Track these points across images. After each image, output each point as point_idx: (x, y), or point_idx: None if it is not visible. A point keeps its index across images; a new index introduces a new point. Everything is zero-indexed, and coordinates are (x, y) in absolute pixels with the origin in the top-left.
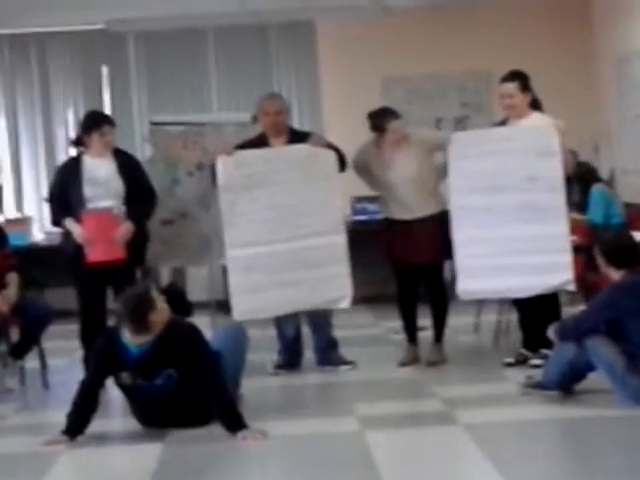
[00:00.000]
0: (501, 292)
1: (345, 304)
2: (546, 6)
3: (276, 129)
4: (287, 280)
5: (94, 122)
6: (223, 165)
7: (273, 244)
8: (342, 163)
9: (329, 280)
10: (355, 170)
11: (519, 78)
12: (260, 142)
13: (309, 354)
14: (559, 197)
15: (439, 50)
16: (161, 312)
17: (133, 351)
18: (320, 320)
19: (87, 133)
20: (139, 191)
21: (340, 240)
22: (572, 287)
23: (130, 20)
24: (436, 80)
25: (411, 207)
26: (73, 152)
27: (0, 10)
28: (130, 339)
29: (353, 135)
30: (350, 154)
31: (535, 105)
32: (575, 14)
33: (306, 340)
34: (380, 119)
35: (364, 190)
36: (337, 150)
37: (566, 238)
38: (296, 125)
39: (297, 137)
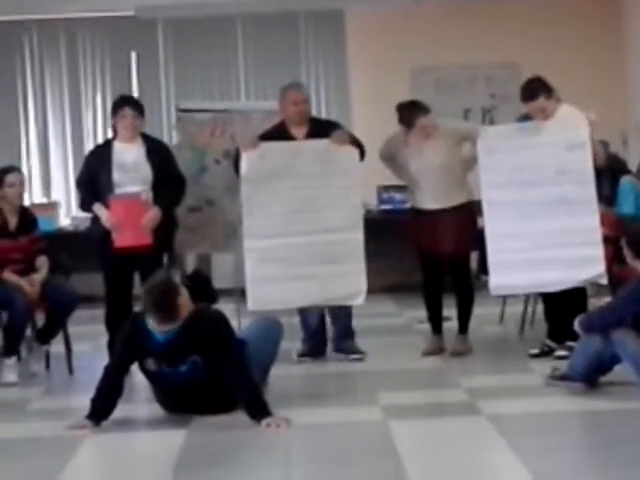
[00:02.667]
0: (534, 287)
1: (359, 301)
2: None
3: (301, 118)
4: (302, 274)
5: (116, 105)
6: (247, 157)
7: (291, 237)
8: (361, 154)
9: (344, 276)
10: (382, 160)
11: (541, 89)
12: (281, 131)
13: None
14: (589, 190)
15: (468, 40)
16: (184, 297)
17: (158, 337)
18: (339, 310)
19: (113, 118)
20: (168, 177)
21: (358, 237)
22: (604, 280)
23: (159, 6)
24: (465, 70)
25: (438, 197)
26: (101, 138)
27: None
28: (155, 327)
29: (381, 125)
30: (378, 143)
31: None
32: (604, 5)
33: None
34: (409, 114)
35: (391, 179)
36: (358, 143)
37: (597, 231)
38: (324, 114)
39: (318, 126)
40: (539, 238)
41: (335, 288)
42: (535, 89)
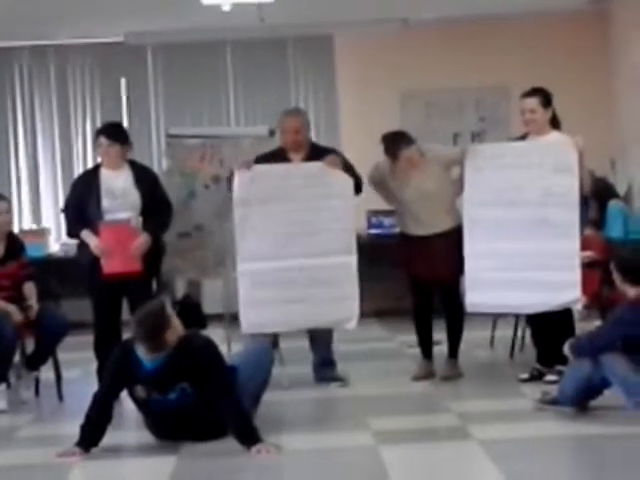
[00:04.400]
0: (508, 307)
1: (351, 326)
2: (564, 22)
3: (294, 146)
4: (295, 297)
5: (95, 135)
6: (240, 179)
7: (284, 260)
8: (358, 186)
9: (337, 300)
10: (371, 186)
11: (541, 94)
12: (279, 156)
13: (303, 370)
14: (573, 214)
15: (457, 64)
16: (175, 329)
17: (147, 365)
18: (319, 339)
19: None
20: (155, 204)
21: (351, 261)
22: (579, 305)
23: (148, 33)
24: (454, 94)
25: (427, 223)
26: (90, 164)
27: (20, 22)
28: (144, 354)
29: (370, 149)
30: (367, 167)
31: (554, 124)
32: (593, 30)
33: (300, 356)
34: (393, 146)
35: (380, 204)
36: (353, 172)
37: (576, 256)
38: (314, 138)
39: (317, 152)
40: (518, 259)
41: (328, 312)
42: (537, 91)
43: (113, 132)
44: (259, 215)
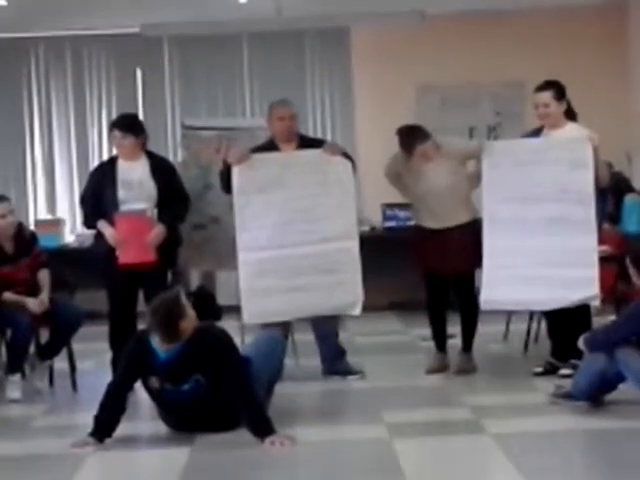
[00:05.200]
0: (525, 304)
1: (356, 311)
2: (580, 16)
3: (289, 134)
4: (298, 285)
5: (109, 128)
6: (238, 169)
7: (285, 248)
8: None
9: (340, 286)
10: (387, 179)
11: (554, 87)
12: (270, 148)
13: (316, 362)
14: (589, 210)
15: (473, 58)
16: (190, 319)
17: (161, 356)
18: (327, 329)
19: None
20: (172, 195)
21: (352, 246)
22: (597, 302)
23: (165, 24)
24: (470, 88)
25: (443, 216)
26: (106, 155)
27: (36, 12)
28: (159, 345)
29: (386, 142)
30: (383, 161)
31: (570, 115)
32: (610, 24)
33: (312, 348)
34: (408, 140)
35: (395, 197)
36: (349, 157)
37: (594, 252)
38: (329, 131)
39: (307, 143)
40: (535, 255)
41: (331, 298)
42: (550, 84)
43: (126, 124)
44: (259, 204)
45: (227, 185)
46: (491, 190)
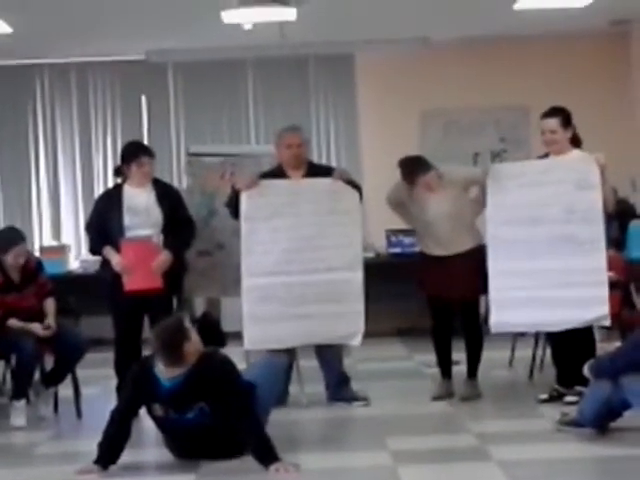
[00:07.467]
0: (535, 325)
1: (356, 341)
2: (584, 43)
3: (297, 162)
4: (300, 313)
5: (132, 153)
6: (247, 195)
7: (289, 275)
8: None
9: (343, 316)
10: (390, 206)
11: (561, 114)
12: (279, 174)
13: (321, 389)
14: (597, 230)
15: (477, 84)
16: (194, 343)
17: (165, 384)
18: (330, 355)
19: (126, 164)
20: (178, 221)
21: (357, 277)
22: (607, 322)
23: (169, 51)
24: (474, 114)
25: (447, 244)
26: (111, 181)
27: (41, 39)
28: (163, 372)
29: (391, 168)
30: (387, 186)
31: (575, 142)
32: (614, 50)
33: (317, 374)
34: (410, 171)
35: (399, 223)
36: (356, 185)
37: (603, 271)
38: (334, 157)
39: (315, 170)
40: (544, 276)
41: (333, 327)
42: (557, 111)
43: (151, 150)
44: (265, 230)
45: (236, 211)
46: (497, 212)
